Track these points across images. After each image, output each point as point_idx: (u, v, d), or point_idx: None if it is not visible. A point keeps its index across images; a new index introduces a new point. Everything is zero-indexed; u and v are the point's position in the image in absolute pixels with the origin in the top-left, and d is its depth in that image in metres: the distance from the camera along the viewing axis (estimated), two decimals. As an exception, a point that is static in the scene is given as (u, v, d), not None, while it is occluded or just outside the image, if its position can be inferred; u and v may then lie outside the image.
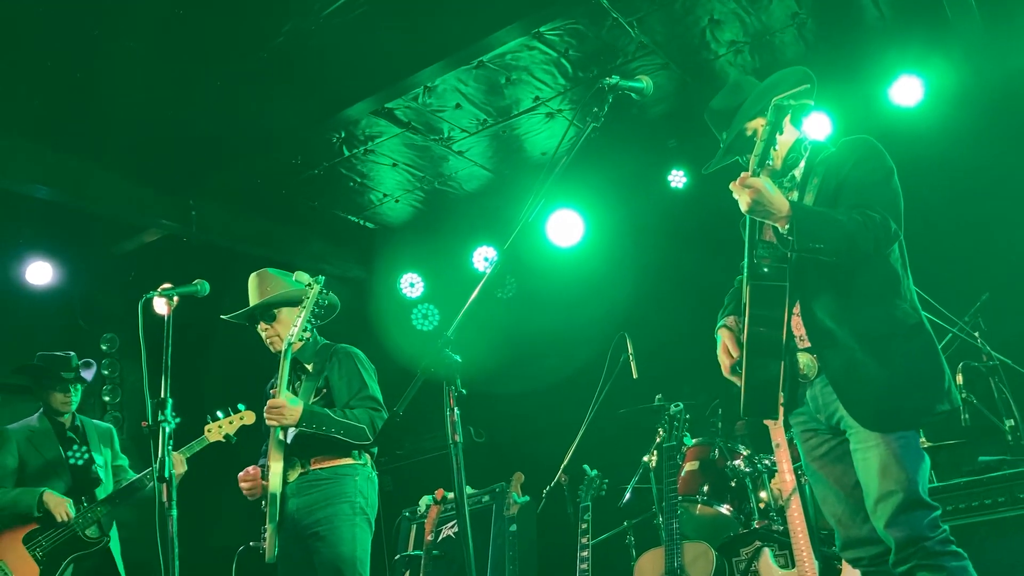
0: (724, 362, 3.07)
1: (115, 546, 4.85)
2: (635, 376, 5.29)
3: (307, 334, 4.03)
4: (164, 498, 2.92)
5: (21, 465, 4.82)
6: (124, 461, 5.00)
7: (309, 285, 4.04)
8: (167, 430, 3.03)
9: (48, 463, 4.90)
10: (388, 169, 6.49)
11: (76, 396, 5.06)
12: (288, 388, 4.01)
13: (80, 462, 4.96)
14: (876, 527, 2.76)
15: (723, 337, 3.09)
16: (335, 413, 3.95)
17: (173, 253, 6.62)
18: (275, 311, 4.10)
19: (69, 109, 5.23)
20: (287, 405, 3.83)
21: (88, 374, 5.12)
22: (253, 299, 4.15)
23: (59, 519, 4.59)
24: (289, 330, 3.98)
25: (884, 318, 2.83)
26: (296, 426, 3.86)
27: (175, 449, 4.37)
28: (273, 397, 3.89)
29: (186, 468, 4.60)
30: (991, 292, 4.78)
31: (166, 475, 2.92)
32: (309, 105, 5.51)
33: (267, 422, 3.88)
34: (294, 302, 4.08)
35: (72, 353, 5.10)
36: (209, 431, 4.37)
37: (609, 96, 2.72)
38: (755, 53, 5.54)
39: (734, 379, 3.02)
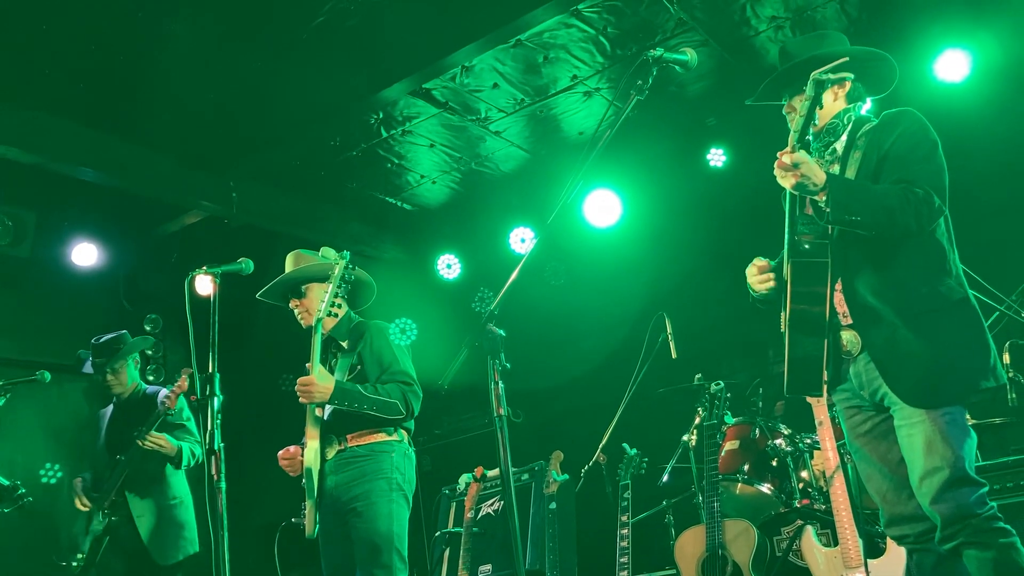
0: (751, 274, 3.07)
1: (141, 516, 4.95)
2: (674, 356, 5.27)
3: (338, 310, 4.05)
4: (213, 471, 2.96)
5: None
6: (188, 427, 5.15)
7: (335, 261, 4.08)
8: (216, 404, 3.08)
9: (98, 448, 5.19)
10: (425, 150, 6.49)
11: (117, 377, 5.18)
12: (323, 365, 4.04)
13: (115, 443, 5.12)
14: (921, 504, 2.74)
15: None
16: (367, 389, 3.94)
17: (214, 234, 6.68)
18: (303, 287, 4.13)
19: (113, 91, 5.29)
20: (316, 382, 3.82)
21: (86, 367, 5.23)
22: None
23: (79, 508, 4.97)
24: (318, 306, 4.01)
25: (928, 293, 2.80)
26: (328, 403, 3.88)
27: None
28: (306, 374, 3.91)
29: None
30: (1040, 270, 4.70)
31: (215, 447, 2.96)
32: (347, 86, 5.52)
33: (299, 399, 3.88)
34: (321, 277, 4.09)
35: (109, 336, 5.21)
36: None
37: (653, 69, 2.70)
38: (796, 29, 5.44)
39: (759, 284, 3.03)
